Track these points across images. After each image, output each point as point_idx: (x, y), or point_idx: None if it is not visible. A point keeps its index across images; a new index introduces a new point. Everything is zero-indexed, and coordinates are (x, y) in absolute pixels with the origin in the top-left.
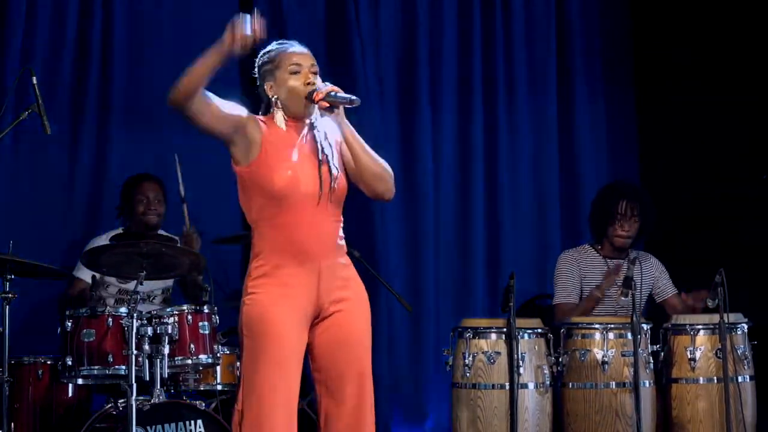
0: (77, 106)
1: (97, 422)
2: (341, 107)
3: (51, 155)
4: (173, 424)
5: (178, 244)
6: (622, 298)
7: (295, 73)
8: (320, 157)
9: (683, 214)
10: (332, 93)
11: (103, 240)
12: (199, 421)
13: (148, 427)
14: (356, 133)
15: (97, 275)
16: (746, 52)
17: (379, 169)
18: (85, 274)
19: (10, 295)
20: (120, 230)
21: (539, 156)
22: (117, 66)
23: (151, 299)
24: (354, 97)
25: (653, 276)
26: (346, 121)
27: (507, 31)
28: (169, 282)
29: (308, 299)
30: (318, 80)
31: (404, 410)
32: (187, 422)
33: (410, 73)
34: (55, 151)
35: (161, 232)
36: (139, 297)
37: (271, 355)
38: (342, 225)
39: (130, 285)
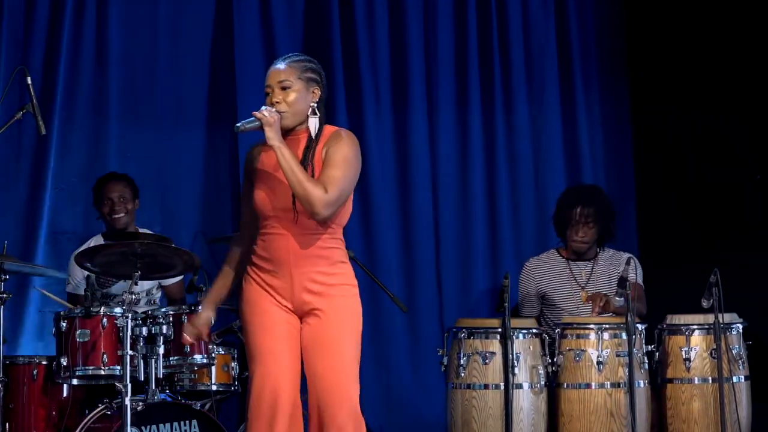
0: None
1: (92, 422)
2: (266, 130)
3: (43, 154)
4: (168, 425)
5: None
6: (617, 299)
7: (267, 95)
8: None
9: (678, 213)
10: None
11: (95, 241)
12: (194, 422)
13: (143, 428)
14: (287, 155)
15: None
16: (741, 51)
17: (300, 190)
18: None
19: (4, 296)
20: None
21: (538, 157)
22: (112, 64)
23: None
24: (248, 120)
25: (617, 273)
26: (276, 143)
27: (502, 33)
28: (153, 283)
29: (284, 298)
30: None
31: (400, 410)
32: (182, 422)
33: (405, 70)
34: (49, 150)
35: (144, 230)
36: (132, 298)
37: (259, 321)
38: (328, 235)
39: (111, 289)
